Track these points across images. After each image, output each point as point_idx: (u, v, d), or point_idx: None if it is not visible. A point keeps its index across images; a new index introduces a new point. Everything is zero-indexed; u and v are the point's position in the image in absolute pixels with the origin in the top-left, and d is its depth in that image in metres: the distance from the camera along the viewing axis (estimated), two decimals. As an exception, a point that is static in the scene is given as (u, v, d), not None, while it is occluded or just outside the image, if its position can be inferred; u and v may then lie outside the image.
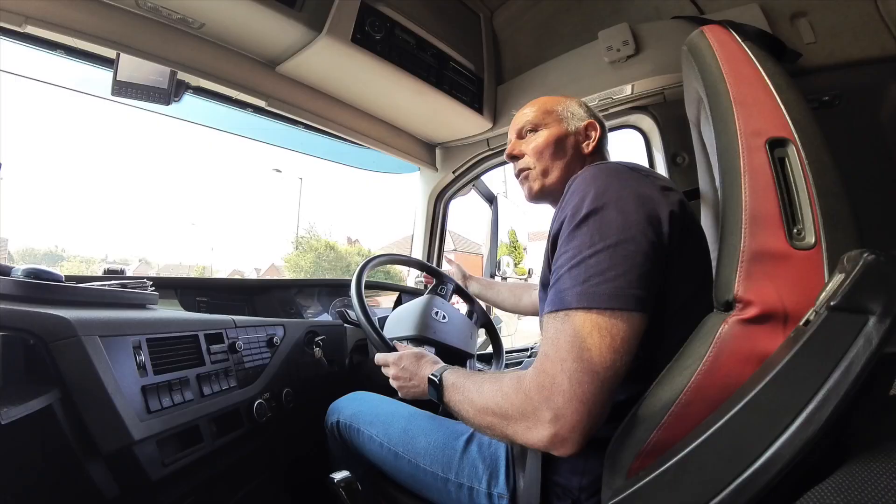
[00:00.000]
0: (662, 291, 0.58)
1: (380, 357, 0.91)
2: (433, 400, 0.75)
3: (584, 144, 0.84)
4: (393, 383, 0.85)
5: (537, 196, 0.87)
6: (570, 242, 0.59)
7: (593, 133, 0.85)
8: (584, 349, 0.52)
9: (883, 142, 0.99)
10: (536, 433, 0.54)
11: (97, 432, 0.62)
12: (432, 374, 0.74)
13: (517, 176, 0.90)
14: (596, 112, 0.90)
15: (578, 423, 0.52)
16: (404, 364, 0.84)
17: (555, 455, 0.56)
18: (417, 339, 1.08)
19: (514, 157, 0.89)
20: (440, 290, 1.29)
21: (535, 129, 0.86)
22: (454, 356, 1.13)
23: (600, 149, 0.86)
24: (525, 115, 0.89)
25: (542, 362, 0.55)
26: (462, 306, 1.36)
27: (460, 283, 1.36)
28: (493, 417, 0.60)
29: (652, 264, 0.56)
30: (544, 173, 0.84)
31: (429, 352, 1.07)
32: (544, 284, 0.68)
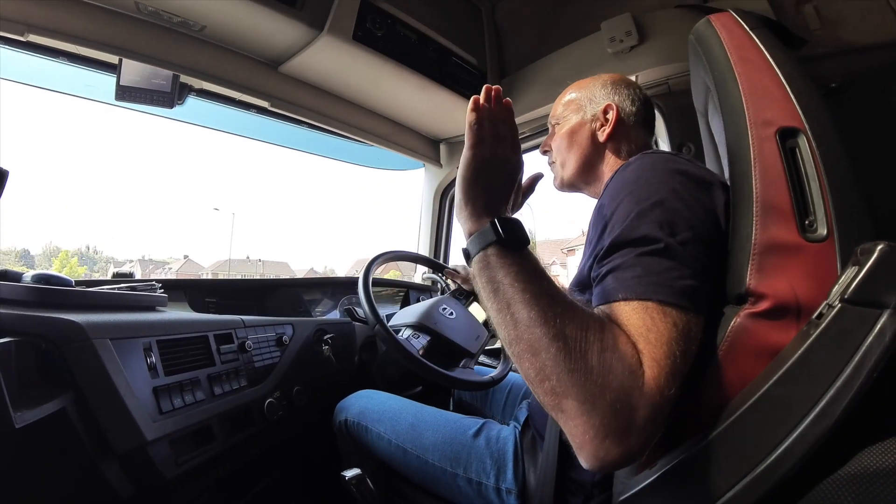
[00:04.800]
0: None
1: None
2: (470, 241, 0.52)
3: (599, 132, 0.81)
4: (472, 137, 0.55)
5: (560, 188, 0.89)
6: (635, 231, 0.51)
7: (611, 113, 0.80)
8: (679, 349, 0.44)
9: (894, 128, 0.97)
10: (605, 447, 0.40)
11: (111, 433, 0.63)
12: (497, 217, 0.51)
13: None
14: (623, 88, 0.83)
15: (653, 434, 0.41)
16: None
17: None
18: (417, 327, 1.08)
19: (545, 151, 0.92)
20: (458, 294, 1.31)
21: (558, 123, 0.88)
22: (452, 351, 1.12)
23: (622, 131, 0.80)
24: (554, 107, 0.90)
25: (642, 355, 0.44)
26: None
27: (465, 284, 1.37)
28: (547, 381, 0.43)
29: (712, 261, 0.51)
30: (563, 166, 0.86)
31: (424, 340, 1.06)
32: (579, 284, 0.62)
